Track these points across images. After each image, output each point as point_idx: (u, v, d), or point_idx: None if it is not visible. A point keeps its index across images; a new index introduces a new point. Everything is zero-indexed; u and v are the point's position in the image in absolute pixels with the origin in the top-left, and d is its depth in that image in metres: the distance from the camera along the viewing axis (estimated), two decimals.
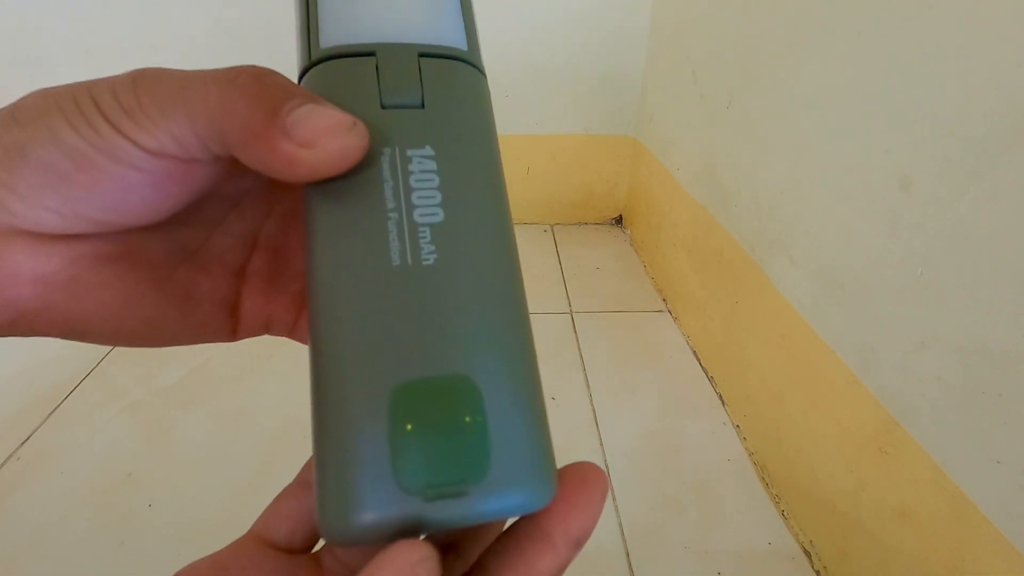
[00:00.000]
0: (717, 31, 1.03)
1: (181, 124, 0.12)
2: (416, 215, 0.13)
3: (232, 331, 0.17)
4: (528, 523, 0.13)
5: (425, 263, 0.13)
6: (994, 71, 0.48)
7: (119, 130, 0.12)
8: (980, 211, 0.50)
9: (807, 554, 0.77)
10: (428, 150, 0.14)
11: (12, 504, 0.82)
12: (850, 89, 0.67)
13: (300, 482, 0.16)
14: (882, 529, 0.64)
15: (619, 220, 1.69)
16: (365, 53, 0.14)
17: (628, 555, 0.77)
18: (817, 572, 0.75)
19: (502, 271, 0.14)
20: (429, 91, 0.14)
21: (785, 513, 0.82)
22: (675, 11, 1.24)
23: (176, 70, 0.13)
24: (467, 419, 0.12)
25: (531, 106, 1.48)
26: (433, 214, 0.13)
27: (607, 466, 0.90)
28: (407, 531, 0.11)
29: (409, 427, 0.12)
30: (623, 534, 0.79)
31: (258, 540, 0.15)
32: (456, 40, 0.15)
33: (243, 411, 0.98)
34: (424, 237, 0.13)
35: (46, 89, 0.13)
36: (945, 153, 0.54)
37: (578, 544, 0.13)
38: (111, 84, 0.13)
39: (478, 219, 0.14)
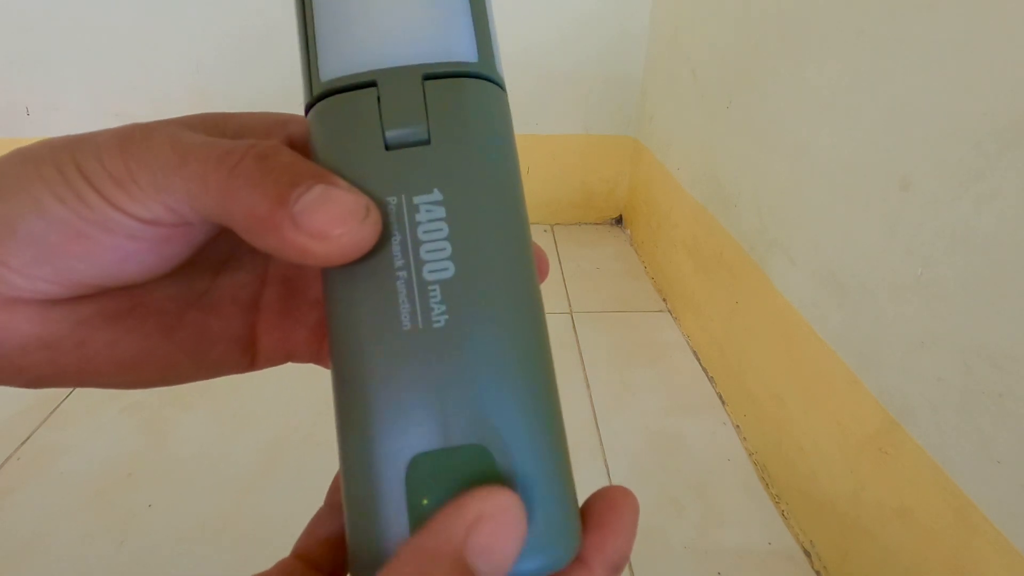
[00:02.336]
0: (717, 31, 1.03)
1: (179, 199, 0.12)
2: (425, 272, 0.12)
3: (251, 364, 0.17)
4: None
5: (436, 325, 0.12)
6: (994, 71, 0.48)
7: (110, 202, 0.11)
8: (980, 211, 0.50)
9: (807, 554, 0.77)
10: (436, 194, 0.13)
11: (12, 504, 0.82)
12: (850, 89, 0.67)
13: (329, 505, 0.16)
14: (882, 529, 0.64)
15: (619, 220, 1.69)
16: (365, 84, 0.13)
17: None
18: (817, 572, 0.75)
19: (519, 328, 0.13)
20: (436, 122, 0.13)
21: (785, 513, 0.82)
22: (675, 12, 1.24)
23: (168, 130, 0.12)
24: None
25: (531, 106, 1.48)
26: (443, 269, 0.12)
27: (607, 466, 0.90)
28: None
29: (425, 501, 0.12)
30: None
31: (302, 560, 0.15)
32: (466, 51, 0.14)
33: (243, 411, 0.98)
34: (434, 297, 0.12)
35: (23, 152, 0.12)
36: (945, 153, 0.54)
37: (616, 569, 0.13)
38: (95, 148, 0.12)
39: (490, 271, 0.13)
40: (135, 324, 0.14)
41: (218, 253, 0.16)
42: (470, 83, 0.14)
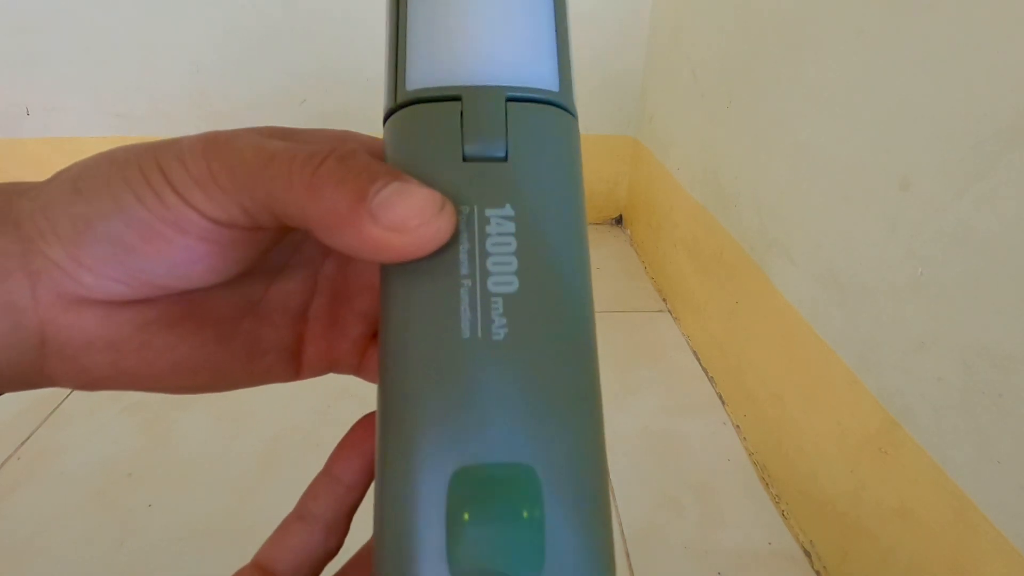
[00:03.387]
0: (717, 31, 1.03)
1: (258, 199, 0.12)
2: (490, 283, 0.12)
3: (296, 373, 0.17)
4: None
5: (495, 338, 0.12)
6: (994, 71, 0.48)
7: (188, 202, 0.12)
8: (980, 211, 0.50)
9: (807, 554, 0.77)
10: (508, 209, 0.13)
11: (12, 504, 0.82)
12: (850, 89, 0.67)
13: (300, 515, 0.16)
14: (882, 529, 0.64)
15: (619, 220, 1.69)
16: (451, 97, 0.13)
17: (628, 555, 0.77)
18: (817, 572, 0.75)
19: (576, 351, 0.13)
20: (514, 141, 0.13)
21: (785, 513, 0.82)
22: (675, 11, 1.24)
23: (248, 136, 0.13)
24: (525, 514, 0.12)
25: None
26: (508, 283, 0.12)
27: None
28: None
29: (466, 516, 0.11)
30: (623, 534, 0.79)
31: (261, 571, 0.15)
32: (548, 80, 0.14)
33: (243, 411, 0.98)
34: (496, 309, 0.12)
35: (109, 155, 0.13)
36: (945, 153, 0.54)
37: None
38: (179, 152, 0.12)
39: (554, 290, 0.13)
40: (194, 329, 0.14)
41: (273, 262, 0.17)
42: (550, 110, 0.14)
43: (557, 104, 0.14)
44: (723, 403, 1.02)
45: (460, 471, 0.12)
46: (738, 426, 0.97)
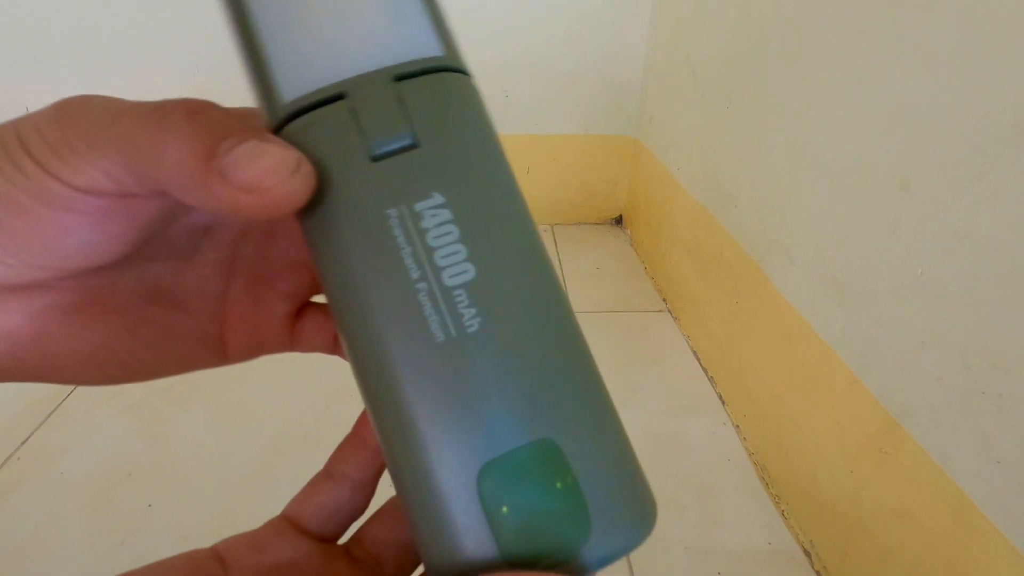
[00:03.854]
0: (717, 31, 1.03)
1: (112, 159, 0.11)
2: (445, 278, 0.12)
3: (221, 359, 0.17)
4: None
5: (470, 330, 0.12)
6: (994, 71, 0.48)
7: (45, 168, 0.11)
8: (980, 211, 0.50)
9: (807, 554, 0.77)
10: (437, 198, 0.12)
11: (12, 504, 0.82)
12: (850, 89, 0.67)
13: (329, 473, 0.16)
14: (882, 529, 0.64)
15: (619, 220, 1.69)
16: (333, 98, 0.12)
17: (628, 555, 0.77)
18: (817, 572, 0.75)
19: (551, 315, 0.13)
20: (419, 124, 0.12)
21: (785, 513, 0.82)
22: (675, 11, 1.24)
23: (104, 98, 0.12)
24: (559, 485, 0.12)
25: (531, 106, 1.48)
26: (464, 271, 0.12)
27: None
28: None
29: (504, 509, 0.11)
30: None
31: (290, 523, 0.15)
32: (430, 45, 0.13)
33: (243, 411, 0.98)
34: (461, 301, 0.12)
35: None
36: (945, 153, 0.54)
37: None
38: (35, 120, 0.11)
39: (512, 263, 0.12)
40: (94, 319, 0.14)
41: (178, 245, 0.16)
42: (443, 77, 0.13)
43: (448, 68, 0.13)
44: (723, 403, 1.02)
45: (484, 468, 0.11)
46: (738, 426, 0.97)
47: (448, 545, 0.12)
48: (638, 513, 0.13)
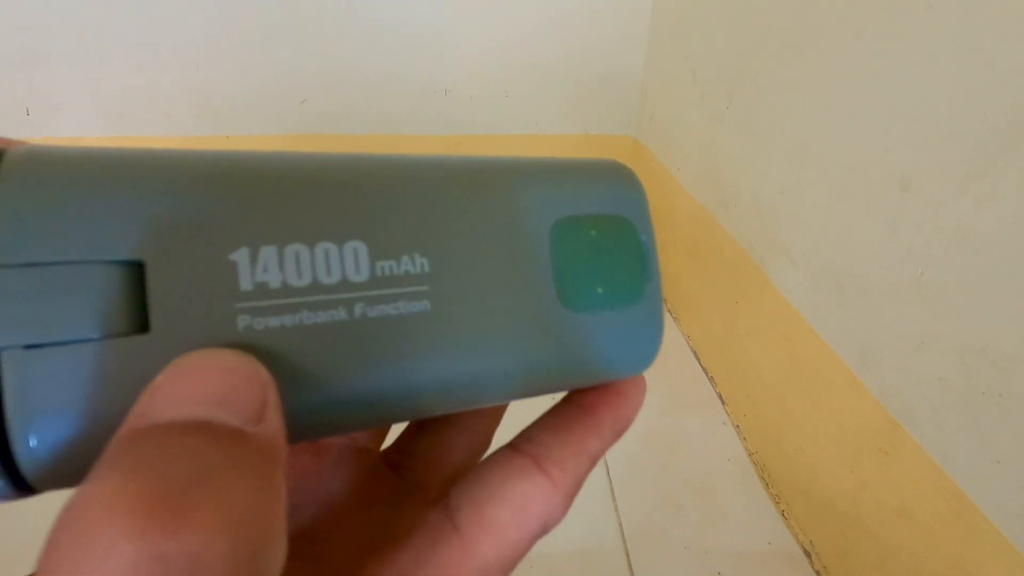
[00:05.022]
0: (717, 31, 1.03)
1: None
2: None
3: None
4: (579, 409, 0.14)
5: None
6: (994, 71, 0.48)
7: None
8: (980, 211, 0.50)
9: (807, 554, 0.77)
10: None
11: (12, 504, 0.82)
12: (850, 89, 0.67)
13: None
14: (882, 529, 0.64)
15: None
16: None
17: (628, 555, 0.77)
18: (817, 572, 0.75)
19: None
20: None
21: (785, 513, 0.82)
22: (675, 11, 1.24)
23: None
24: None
25: (531, 106, 1.48)
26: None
27: (607, 466, 0.90)
28: None
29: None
30: (623, 534, 0.79)
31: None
32: None
33: None
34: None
35: None
36: (945, 153, 0.54)
37: (619, 434, 0.14)
38: None
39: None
40: None
41: None
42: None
43: None
44: (723, 403, 1.02)
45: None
46: (738, 426, 0.97)
47: None
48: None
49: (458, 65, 1.41)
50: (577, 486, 0.13)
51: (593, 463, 0.13)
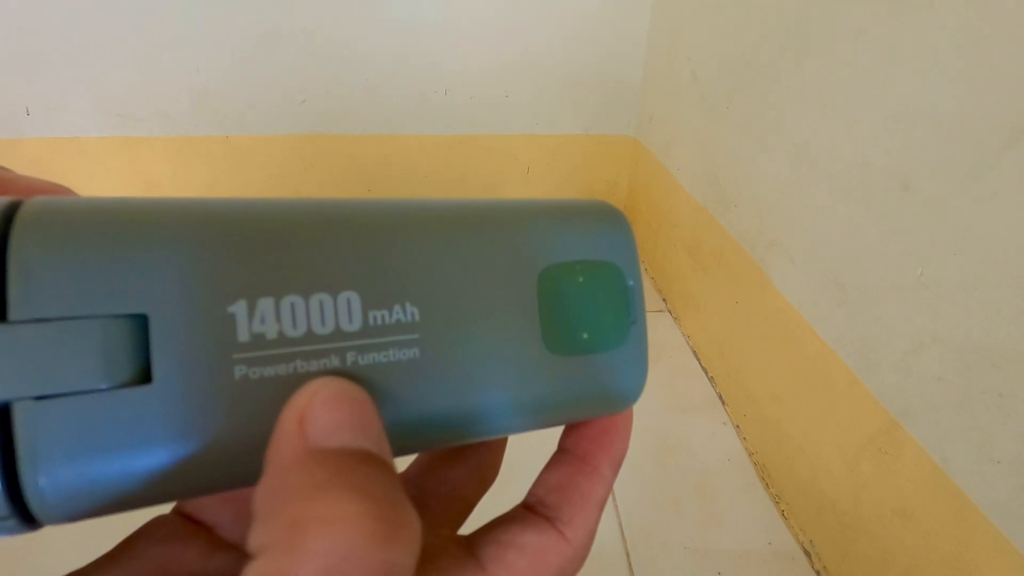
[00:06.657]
0: (717, 31, 1.03)
1: None
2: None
3: None
4: (576, 459, 0.14)
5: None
6: (994, 71, 0.48)
7: None
8: (980, 211, 0.50)
9: (807, 554, 0.77)
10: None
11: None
12: (850, 89, 0.67)
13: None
14: (882, 529, 0.64)
15: None
16: None
17: (628, 555, 0.77)
18: (817, 572, 0.75)
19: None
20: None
21: (785, 513, 0.82)
22: (675, 11, 1.24)
23: None
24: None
25: (531, 106, 1.48)
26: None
27: None
28: None
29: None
30: (623, 534, 0.79)
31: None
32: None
33: None
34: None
35: None
36: (945, 153, 0.54)
37: (618, 468, 0.14)
38: None
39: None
40: None
41: None
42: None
43: None
44: (723, 403, 1.02)
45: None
46: (738, 426, 0.97)
47: None
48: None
49: (458, 65, 1.41)
50: (590, 537, 0.14)
51: (602, 507, 0.14)
